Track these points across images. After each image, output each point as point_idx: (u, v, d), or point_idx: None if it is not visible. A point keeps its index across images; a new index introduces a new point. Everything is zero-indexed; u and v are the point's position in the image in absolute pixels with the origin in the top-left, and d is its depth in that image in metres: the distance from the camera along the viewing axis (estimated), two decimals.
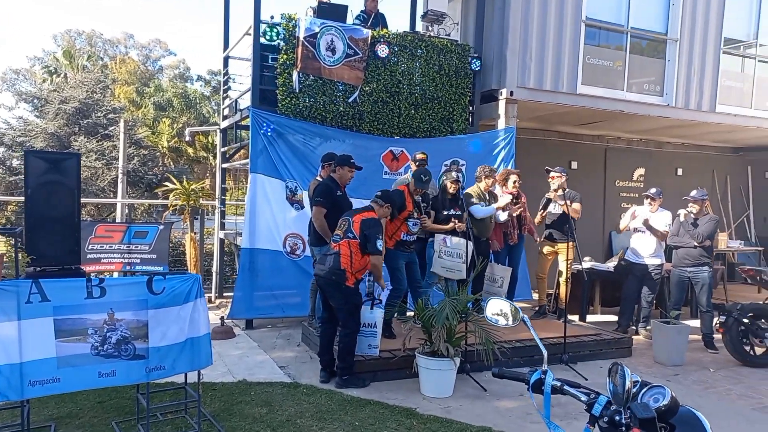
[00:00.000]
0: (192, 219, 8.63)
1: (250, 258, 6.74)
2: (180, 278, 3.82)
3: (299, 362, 5.57)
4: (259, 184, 6.81)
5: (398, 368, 5.02)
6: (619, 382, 1.61)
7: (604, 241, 10.75)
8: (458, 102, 7.70)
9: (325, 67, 6.97)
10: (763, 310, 6.00)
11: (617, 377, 1.61)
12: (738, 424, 4.38)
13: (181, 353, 3.77)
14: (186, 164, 24.15)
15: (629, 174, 11.09)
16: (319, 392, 4.70)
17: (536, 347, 5.81)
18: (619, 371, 1.60)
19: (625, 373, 1.55)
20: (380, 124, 7.30)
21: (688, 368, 5.80)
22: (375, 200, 5.02)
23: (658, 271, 6.79)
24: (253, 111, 6.78)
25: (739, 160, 12.33)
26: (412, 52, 7.42)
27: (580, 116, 8.86)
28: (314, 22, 6.94)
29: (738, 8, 9.39)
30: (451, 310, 4.47)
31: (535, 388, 1.94)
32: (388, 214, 5.10)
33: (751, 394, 5.08)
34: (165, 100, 27.80)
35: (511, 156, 7.67)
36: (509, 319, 2.36)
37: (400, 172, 7.19)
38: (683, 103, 8.82)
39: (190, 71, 37.81)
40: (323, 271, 4.75)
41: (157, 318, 3.69)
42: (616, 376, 1.61)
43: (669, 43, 8.79)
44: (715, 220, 6.42)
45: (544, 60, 7.84)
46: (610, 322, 7.29)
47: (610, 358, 5.98)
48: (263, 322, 7.02)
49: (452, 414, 4.37)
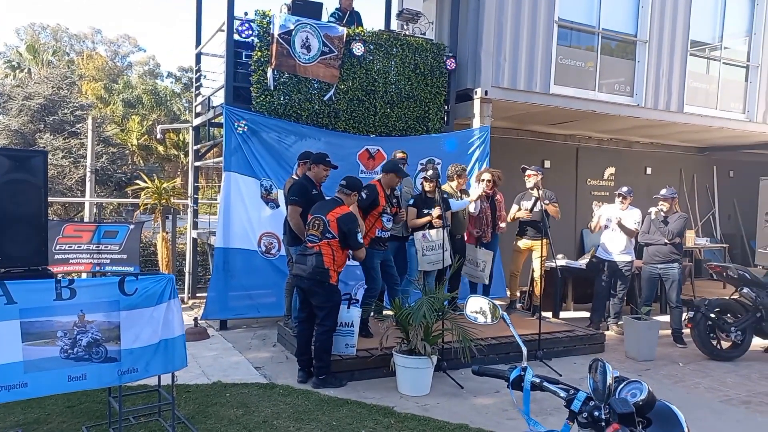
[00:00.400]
0: (164, 218, 8.47)
1: (224, 258, 6.65)
2: (153, 279, 3.74)
3: (275, 363, 5.52)
4: (233, 183, 6.72)
5: (375, 367, 5.02)
6: (599, 378, 1.63)
7: (576, 239, 10.93)
8: (434, 101, 7.72)
9: (300, 65, 6.92)
10: (730, 306, 6.17)
11: (597, 373, 1.63)
12: (706, 416, 4.50)
13: (154, 355, 3.69)
14: (156, 162, 23.75)
15: (600, 173, 11.29)
16: (295, 392, 4.66)
17: (512, 344, 5.89)
18: (599, 367, 1.61)
19: (606, 370, 1.57)
20: (356, 123, 7.28)
21: (658, 363, 5.93)
22: (341, 190, 4.90)
23: (629, 268, 6.92)
24: (226, 108, 6.68)
25: (704, 160, 12.67)
26: (387, 51, 7.41)
27: (553, 116, 8.97)
28: (289, 19, 6.87)
29: (703, 11, 9.63)
30: (428, 308, 4.48)
31: (515, 384, 1.95)
32: (356, 201, 5.03)
33: (718, 387, 5.23)
34: (134, 97, 27.29)
35: (486, 155, 7.72)
36: (488, 317, 2.38)
37: (377, 170, 7.17)
38: (653, 103, 9.01)
39: (160, 68, 37.24)
40: (305, 272, 4.70)
41: (129, 319, 3.61)
42: (596, 372, 1.63)
43: (638, 44, 8.97)
44: (684, 217, 6.57)
45: (518, 60, 7.92)
46: (582, 319, 7.41)
47: (584, 354, 6.09)
48: (238, 322, 6.94)
49: (430, 412, 4.38)
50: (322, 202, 5.00)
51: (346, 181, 4.94)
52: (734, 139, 11.24)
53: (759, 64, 10.09)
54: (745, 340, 6.04)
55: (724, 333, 6.05)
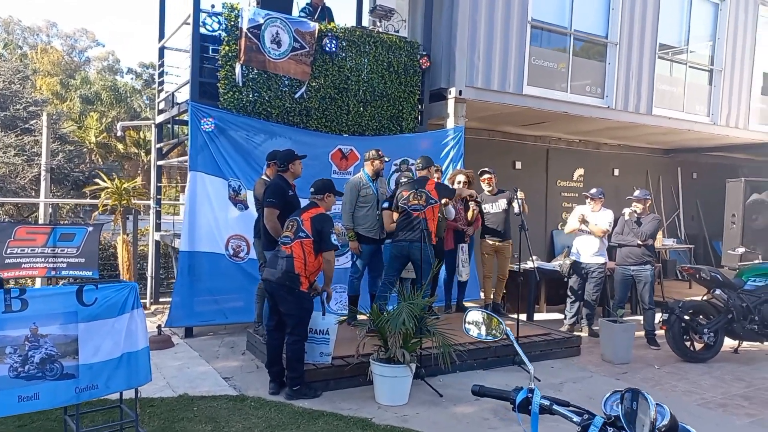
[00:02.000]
0: (124, 219, 8.07)
1: (189, 261, 6.34)
2: (114, 287, 3.47)
3: (245, 372, 5.26)
4: (200, 183, 6.42)
5: (352, 376, 4.82)
6: (631, 406, 1.46)
7: (546, 240, 10.96)
8: (407, 100, 7.56)
9: (270, 61, 6.66)
10: (703, 308, 6.20)
11: (631, 404, 1.46)
12: (686, 420, 4.44)
13: (116, 370, 3.42)
14: (116, 161, 22.97)
15: (570, 174, 11.35)
16: (268, 405, 4.42)
17: (490, 349, 5.74)
18: (633, 396, 1.45)
19: (648, 401, 1.39)
20: (328, 121, 7.06)
21: (634, 366, 5.91)
22: (313, 197, 4.78)
23: (602, 270, 6.91)
24: (192, 105, 6.37)
25: (670, 162, 12.90)
26: (360, 48, 7.22)
27: (525, 117, 8.94)
28: (258, 12, 6.61)
29: (671, 15, 9.76)
30: (408, 314, 4.31)
31: (521, 407, 1.80)
32: (333, 203, 4.91)
33: (694, 390, 5.22)
34: (92, 93, 26.35)
35: (460, 156, 7.61)
36: (483, 330, 2.19)
37: (350, 171, 6.98)
38: (623, 105, 9.07)
39: (120, 63, 36.07)
40: (274, 276, 4.47)
41: (88, 332, 3.33)
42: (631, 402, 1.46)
43: (609, 46, 9.01)
44: (658, 219, 6.59)
45: (492, 60, 7.83)
46: (555, 320, 7.37)
47: (560, 358, 6.04)
48: (204, 329, 6.63)
49: (409, 423, 4.21)
50: (300, 208, 4.83)
51: (314, 187, 4.83)
52: (699, 142, 11.47)
53: (722, 68, 10.29)
54: (718, 342, 6.08)
55: (697, 335, 6.07)
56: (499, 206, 6.99)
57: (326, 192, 4.80)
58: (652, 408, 1.37)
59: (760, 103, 11.14)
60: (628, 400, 1.46)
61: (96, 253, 6.83)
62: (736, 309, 6.07)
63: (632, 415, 1.44)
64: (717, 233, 11.53)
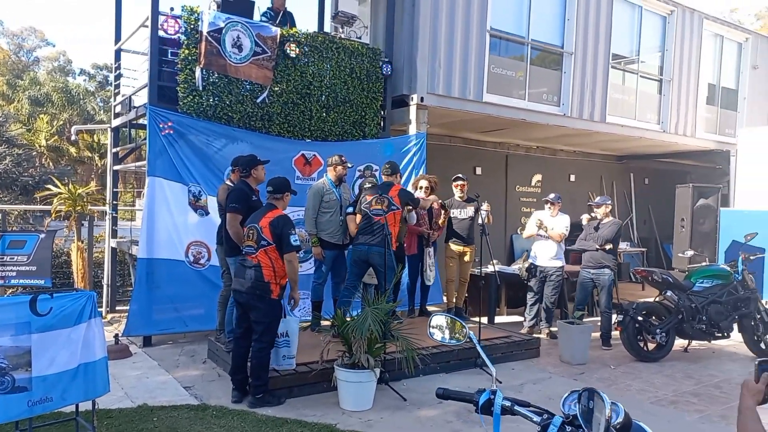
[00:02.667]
0: (79, 226, 7.81)
1: (147, 268, 6.19)
2: (71, 296, 3.38)
3: (206, 381, 5.17)
4: (158, 188, 6.29)
5: (315, 382, 4.80)
6: (587, 405, 1.53)
7: (506, 244, 11.16)
8: (370, 106, 7.60)
9: (231, 65, 6.59)
10: (655, 309, 6.44)
11: (587, 403, 1.52)
12: (639, 417, 4.59)
13: (72, 381, 3.33)
14: (68, 165, 22.21)
15: (528, 179, 11.61)
16: (230, 413, 4.36)
17: (452, 352, 5.81)
18: (590, 395, 1.51)
19: (603, 400, 1.46)
20: (291, 127, 7.03)
21: (591, 366, 6.08)
22: (271, 197, 4.68)
23: (560, 273, 7.09)
24: (150, 109, 6.24)
25: (623, 168, 13.36)
26: (322, 54, 7.22)
27: (485, 123, 9.11)
28: (219, 16, 6.54)
29: (623, 26, 10.14)
30: (373, 320, 4.33)
31: (484, 409, 1.84)
32: (289, 201, 4.83)
33: (648, 388, 5.42)
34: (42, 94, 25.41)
35: (422, 161, 7.69)
36: (447, 333, 2.24)
37: (314, 176, 6.96)
38: (578, 113, 9.35)
39: (71, 64, 34.90)
40: (244, 286, 4.43)
41: (42, 343, 3.23)
42: (588, 401, 1.52)
43: (565, 56, 9.28)
44: (617, 224, 6.80)
45: (452, 67, 7.96)
46: (516, 323, 7.52)
47: (521, 360, 6.16)
48: (163, 338, 6.48)
49: (373, 427, 4.23)
50: (256, 212, 4.73)
51: (272, 186, 4.71)
52: (650, 149, 11.92)
53: (671, 78, 10.74)
54: (669, 341, 6.33)
55: (650, 335, 6.30)
56: (467, 212, 7.12)
57: (285, 191, 4.73)
58: (607, 406, 1.44)
59: (706, 112, 11.68)
60: (585, 399, 1.52)
61: (49, 260, 6.62)
62: (686, 310, 6.33)
63: (589, 413, 1.50)
64: (668, 237, 11.99)
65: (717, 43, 11.80)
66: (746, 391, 1.90)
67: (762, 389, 1.89)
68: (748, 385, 1.91)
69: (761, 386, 1.89)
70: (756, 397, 1.89)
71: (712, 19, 11.53)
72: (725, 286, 6.53)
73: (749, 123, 12.00)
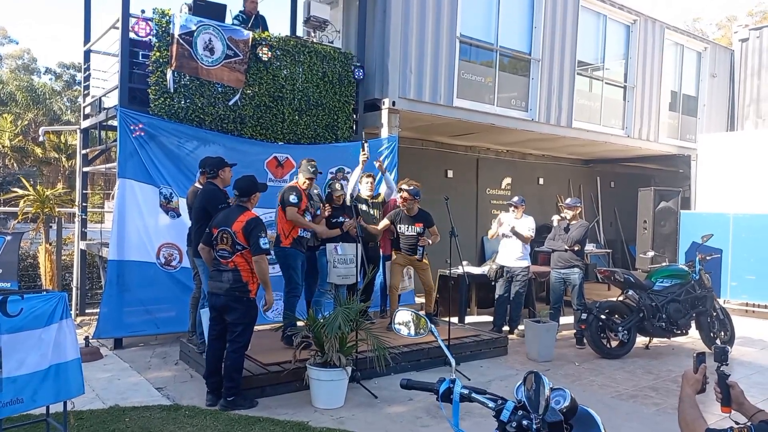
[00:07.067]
0: (47, 228, 7.71)
1: (118, 270, 6.18)
2: (42, 297, 3.40)
3: (178, 382, 5.19)
4: (129, 190, 6.27)
5: (288, 381, 4.88)
6: (533, 389, 1.66)
7: (477, 246, 11.37)
8: (342, 109, 7.70)
9: (202, 67, 6.61)
10: (617, 307, 6.68)
11: (532, 385, 1.65)
12: (600, 411, 4.76)
13: (43, 382, 3.34)
14: (33, 166, 21.72)
15: (498, 182, 11.86)
16: (203, 413, 4.40)
17: (423, 351, 5.94)
18: (535, 379, 1.64)
19: (544, 383, 1.60)
20: (263, 129, 7.08)
21: (557, 363, 6.28)
22: (239, 200, 4.63)
23: (526, 273, 7.29)
24: (121, 111, 6.23)
25: (589, 171, 13.73)
26: (294, 57, 7.29)
27: (455, 128, 9.29)
28: (190, 19, 6.56)
29: (588, 35, 10.46)
30: (343, 319, 4.42)
31: (444, 397, 1.96)
32: (258, 201, 4.80)
33: (610, 384, 5.63)
34: (6, 93, 24.80)
35: (394, 164, 7.81)
36: (411, 329, 2.37)
37: (286, 179, 7.02)
38: (545, 118, 9.61)
39: (36, 63, 33.99)
40: (222, 289, 4.47)
41: (12, 344, 3.24)
42: (531, 384, 1.66)
43: (532, 62, 9.53)
44: (585, 226, 7.02)
45: (423, 72, 8.11)
46: (486, 323, 7.70)
47: (489, 358, 6.33)
48: (135, 340, 6.45)
49: (345, 424, 4.32)
50: (225, 213, 4.66)
51: (239, 190, 4.64)
52: (615, 153, 12.29)
53: (634, 85, 11.11)
54: (631, 339, 6.57)
55: (613, 333, 6.53)
56: (413, 230, 6.35)
57: (252, 192, 4.69)
58: (547, 388, 1.57)
59: (668, 118, 12.11)
60: (533, 383, 1.65)
61: (16, 263, 6.53)
62: (647, 308, 6.58)
63: (536, 398, 1.63)
64: (632, 238, 12.38)
65: (678, 52, 12.25)
66: (686, 381, 2.08)
67: (700, 379, 2.07)
68: (687, 375, 2.09)
69: (699, 376, 2.07)
70: (694, 386, 2.07)
71: (673, 28, 11.98)
72: (683, 285, 6.81)
73: (708, 129, 12.49)
